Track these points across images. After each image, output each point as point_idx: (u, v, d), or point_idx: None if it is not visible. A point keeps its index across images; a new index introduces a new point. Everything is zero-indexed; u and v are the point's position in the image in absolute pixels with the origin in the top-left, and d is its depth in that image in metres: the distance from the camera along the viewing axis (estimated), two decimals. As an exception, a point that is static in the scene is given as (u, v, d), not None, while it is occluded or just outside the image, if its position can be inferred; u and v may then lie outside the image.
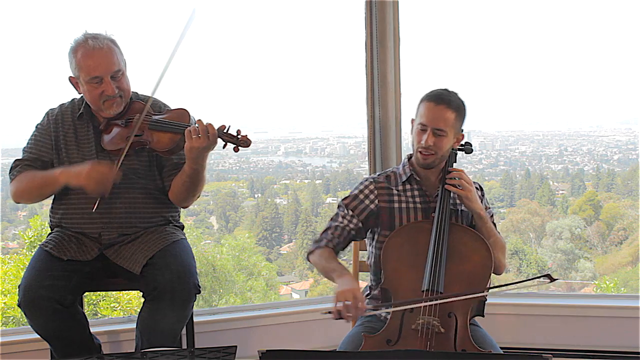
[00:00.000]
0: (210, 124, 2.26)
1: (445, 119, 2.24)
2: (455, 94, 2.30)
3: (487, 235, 2.26)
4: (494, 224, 2.39)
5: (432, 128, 2.24)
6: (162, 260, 2.32)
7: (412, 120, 2.34)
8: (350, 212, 2.33)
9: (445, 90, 2.29)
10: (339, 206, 2.37)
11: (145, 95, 2.53)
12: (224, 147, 2.31)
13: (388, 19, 3.08)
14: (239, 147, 2.29)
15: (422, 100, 2.30)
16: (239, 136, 2.28)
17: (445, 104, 2.24)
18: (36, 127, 2.51)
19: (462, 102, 2.30)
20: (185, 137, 2.26)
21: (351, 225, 2.32)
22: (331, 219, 2.36)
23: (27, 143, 2.50)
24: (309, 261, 2.33)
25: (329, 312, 2.04)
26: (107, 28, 2.41)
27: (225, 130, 2.28)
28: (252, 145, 2.30)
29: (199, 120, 2.26)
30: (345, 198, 2.37)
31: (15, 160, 2.47)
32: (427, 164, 2.30)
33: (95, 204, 2.33)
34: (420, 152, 2.28)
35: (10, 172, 2.46)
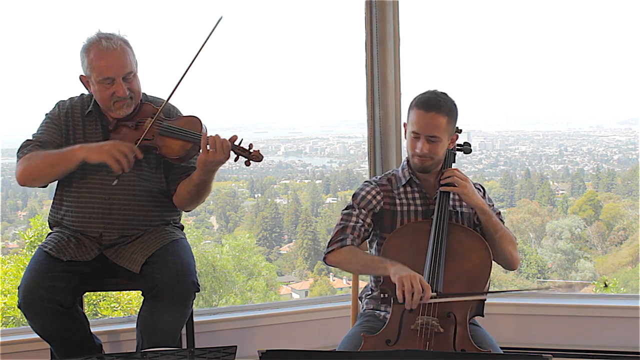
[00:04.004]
0: (224, 139, 2.27)
1: (438, 125, 2.21)
2: (445, 95, 2.27)
3: (494, 230, 2.24)
4: (502, 221, 2.37)
5: (425, 136, 2.22)
6: (160, 259, 2.32)
7: (405, 125, 2.33)
8: (363, 211, 2.32)
9: (434, 94, 2.25)
10: (348, 207, 2.35)
11: (154, 97, 2.52)
12: (235, 160, 2.32)
13: (388, 19, 3.08)
14: (251, 161, 2.30)
15: (412, 107, 2.26)
16: (251, 150, 2.29)
17: (435, 110, 2.20)
18: (46, 115, 2.49)
19: (452, 103, 2.27)
20: (201, 149, 2.27)
21: (365, 225, 2.31)
22: (342, 219, 2.32)
23: (38, 130, 2.46)
24: (330, 262, 2.28)
25: (385, 296, 2.03)
26: (120, 28, 2.40)
27: (237, 143, 2.29)
28: (251, 145, 2.31)
29: (217, 135, 2.26)
30: (354, 198, 2.35)
31: (26, 140, 2.42)
32: (424, 169, 2.29)
33: (115, 180, 2.31)
34: (416, 158, 2.27)
35: (18, 152, 2.40)
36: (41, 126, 2.47)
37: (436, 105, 2.21)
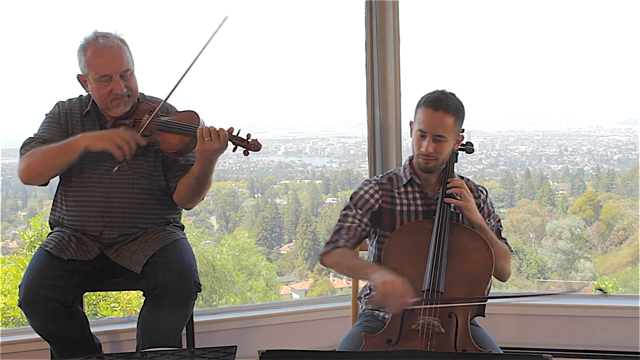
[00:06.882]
0: (221, 128, 2.27)
1: (445, 124, 2.21)
2: (453, 95, 2.27)
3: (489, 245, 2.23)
4: (500, 229, 2.37)
5: (431, 135, 2.22)
6: (162, 259, 2.32)
7: (411, 123, 2.33)
8: (360, 211, 2.32)
9: (443, 93, 2.25)
10: (346, 207, 2.35)
11: (152, 97, 2.53)
12: (233, 150, 2.32)
13: (388, 19, 3.08)
14: (249, 151, 2.30)
15: (419, 105, 2.26)
16: (249, 140, 2.29)
17: (443, 110, 2.21)
18: (47, 115, 2.50)
19: (460, 103, 2.27)
20: (197, 140, 2.27)
21: (362, 225, 2.32)
22: (339, 220, 2.34)
23: (39, 129, 2.47)
24: (325, 263, 2.30)
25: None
26: (117, 28, 2.41)
27: (235, 134, 2.29)
28: (249, 134, 2.31)
29: (212, 127, 2.27)
30: (352, 198, 2.36)
31: (28, 137, 2.42)
32: (428, 169, 2.29)
33: (115, 167, 2.32)
34: (421, 157, 2.28)
35: (21, 149, 2.41)
36: (42, 125, 2.47)
37: (445, 105, 2.21)
